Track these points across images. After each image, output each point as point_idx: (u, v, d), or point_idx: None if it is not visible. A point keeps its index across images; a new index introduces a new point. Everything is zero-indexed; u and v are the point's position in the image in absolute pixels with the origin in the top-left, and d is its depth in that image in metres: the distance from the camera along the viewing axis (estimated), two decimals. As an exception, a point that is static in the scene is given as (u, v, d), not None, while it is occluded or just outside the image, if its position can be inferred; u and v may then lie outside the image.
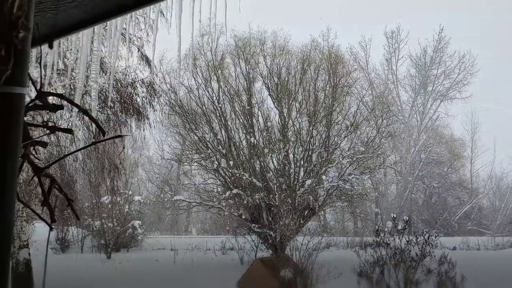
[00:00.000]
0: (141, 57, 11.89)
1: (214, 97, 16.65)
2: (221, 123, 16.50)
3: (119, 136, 5.71)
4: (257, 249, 16.46)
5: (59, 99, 2.08)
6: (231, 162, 15.64)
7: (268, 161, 16.22)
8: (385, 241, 10.80)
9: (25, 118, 1.35)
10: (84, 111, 1.94)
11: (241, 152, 16.40)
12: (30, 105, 1.79)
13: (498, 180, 35.82)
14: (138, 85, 11.78)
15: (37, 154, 1.99)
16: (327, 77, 17.22)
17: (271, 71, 16.85)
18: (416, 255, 10.51)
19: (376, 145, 17.59)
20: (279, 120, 16.69)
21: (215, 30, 15.74)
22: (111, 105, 10.59)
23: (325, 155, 16.10)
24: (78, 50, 2.48)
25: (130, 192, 21.66)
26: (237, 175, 15.43)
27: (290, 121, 16.60)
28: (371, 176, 21.16)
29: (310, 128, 16.30)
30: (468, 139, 36.63)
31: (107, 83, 8.54)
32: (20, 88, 1.12)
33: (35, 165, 1.75)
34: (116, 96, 11.02)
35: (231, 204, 16.26)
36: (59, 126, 1.91)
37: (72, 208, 1.96)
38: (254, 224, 15.36)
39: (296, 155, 16.34)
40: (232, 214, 16.44)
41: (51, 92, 2.15)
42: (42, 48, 1.90)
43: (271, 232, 14.85)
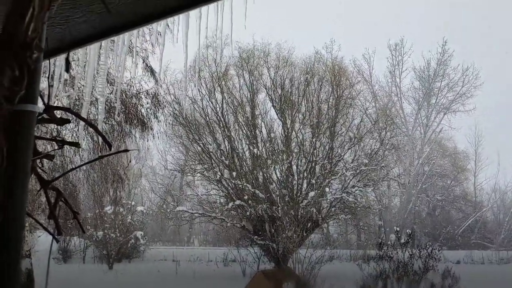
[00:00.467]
0: (146, 68, 11.96)
1: (218, 108, 16.72)
2: (225, 134, 16.55)
3: (126, 151, 5.73)
4: (260, 261, 16.37)
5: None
6: (234, 173, 15.64)
7: (271, 173, 16.20)
8: (388, 255, 10.73)
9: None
10: (91, 125, 1.96)
11: (244, 163, 16.41)
12: (38, 119, 1.81)
13: (502, 194, 35.68)
14: (143, 96, 11.84)
15: (42, 165, 2.01)
16: (331, 89, 17.26)
17: (275, 83, 16.93)
18: (419, 269, 10.44)
19: (380, 157, 17.56)
20: (283, 131, 16.72)
21: (221, 42, 15.84)
22: (115, 117, 10.63)
23: (329, 167, 16.08)
24: (86, 63, 2.52)
25: (133, 203, 21.65)
26: (240, 186, 15.42)
27: (294, 133, 16.62)
28: (375, 189, 21.07)
29: (314, 140, 16.30)
30: (472, 152, 36.56)
31: (112, 95, 8.59)
32: (32, 106, 1.14)
33: (42, 178, 1.77)
34: (121, 107, 11.07)
35: (234, 216, 16.23)
36: (66, 140, 1.93)
37: (78, 221, 1.97)
38: (257, 236, 15.30)
39: (299, 167, 16.33)
40: (235, 226, 16.40)
41: (59, 106, 2.17)
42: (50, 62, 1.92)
43: (274, 244, 14.78)
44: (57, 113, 1.93)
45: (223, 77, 16.94)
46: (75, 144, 2.06)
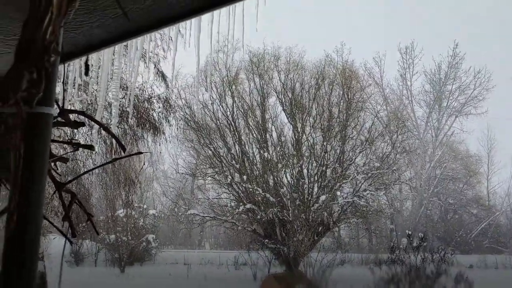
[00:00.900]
0: (157, 73, 12.06)
1: (228, 112, 16.78)
2: (235, 138, 16.59)
3: (139, 153, 5.78)
4: (270, 265, 16.36)
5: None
6: (245, 177, 15.66)
7: (282, 176, 16.20)
8: (400, 258, 10.65)
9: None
10: (105, 128, 2.00)
11: (255, 167, 16.43)
12: (53, 122, 1.85)
13: (516, 197, 35.16)
14: (155, 101, 11.93)
15: (56, 168, 2.04)
16: (341, 92, 17.23)
17: (285, 86, 16.94)
18: (432, 273, 10.34)
19: (391, 161, 17.46)
20: (293, 135, 16.71)
21: (232, 47, 15.92)
22: (129, 121, 10.73)
23: (340, 171, 16.03)
24: (100, 68, 2.56)
25: (145, 206, 21.76)
26: (251, 190, 15.43)
27: (304, 136, 16.60)
28: (386, 192, 20.94)
29: (324, 143, 16.27)
30: (485, 155, 36.15)
31: (125, 100, 8.68)
32: (48, 108, 1.17)
33: (57, 181, 1.80)
34: (133, 111, 11.17)
35: (245, 219, 16.23)
36: (80, 143, 1.97)
37: (92, 223, 2.00)
38: (268, 240, 15.29)
39: (310, 170, 16.30)
40: (246, 229, 16.40)
41: (73, 110, 2.22)
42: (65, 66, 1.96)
43: (285, 248, 14.76)
44: (71, 116, 1.97)
45: (234, 81, 17.00)
46: (90, 147, 2.10)
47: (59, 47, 1.16)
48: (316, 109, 16.89)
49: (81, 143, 1.75)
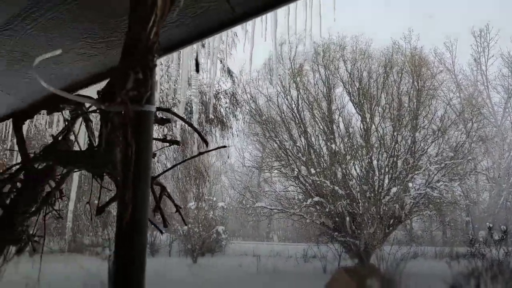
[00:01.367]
0: (223, 69, 12.29)
1: (293, 105, 16.72)
2: (300, 130, 16.51)
3: (224, 147, 5.94)
4: (340, 258, 16.17)
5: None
6: (312, 170, 15.56)
7: (351, 168, 15.91)
8: (481, 252, 10.11)
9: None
10: (191, 125, 2.05)
11: (322, 159, 16.27)
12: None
13: None
14: (222, 96, 12.19)
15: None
16: (411, 80, 16.60)
17: (352, 76, 16.59)
18: (516, 268, 9.74)
19: (466, 150, 16.60)
20: (361, 126, 16.35)
21: (296, 39, 15.83)
22: (204, 116, 11.08)
23: (411, 162, 15.47)
24: (180, 65, 2.64)
25: (214, 198, 22.29)
26: (318, 183, 15.31)
27: (373, 127, 16.19)
28: (461, 183, 19.93)
29: (395, 134, 15.77)
30: None
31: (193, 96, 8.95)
32: (151, 106, 1.22)
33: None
34: (202, 108, 11.48)
35: (313, 212, 16.15)
36: (168, 139, 2.04)
37: (181, 214, 2.08)
38: (337, 233, 15.12)
39: (380, 162, 15.87)
40: (314, 222, 16.32)
41: (160, 107, 2.30)
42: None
43: (355, 241, 14.52)
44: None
45: (298, 73, 16.91)
46: (176, 142, 2.19)
47: (159, 46, 1.20)
48: (385, 98, 16.41)
49: (168, 139, 1.82)
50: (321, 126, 16.54)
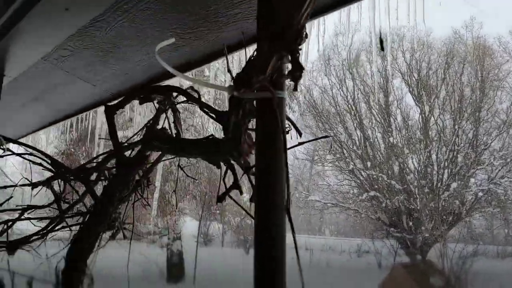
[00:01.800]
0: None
1: (349, 96, 16.39)
2: (356, 123, 16.17)
3: (326, 137, 5.92)
4: (396, 254, 15.78)
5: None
6: (368, 163, 15.22)
7: (408, 162, 15.43)
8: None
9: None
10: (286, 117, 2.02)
11: (378, 153, 15.87)
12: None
13: None
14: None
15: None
16: (474, 71, 15.82)
17: (411, 67, 16.03)
18: None
19: (534, 145, 15.64)
20: (420, 118, 15.79)
21: (352, 29, 15.48)
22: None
23: (473, 156, 14.78)
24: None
25: (266, 191, 22.29)
26: (374, 177, 14.96)
27: (432, 119, 15.59)
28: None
29: (456, 127, 15.11)
30: None
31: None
32: (283, 93, 1.21)
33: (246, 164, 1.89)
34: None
35: (368, 207, 15.83)
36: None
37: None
38: (393, 228, 14.74)
39: (440, 156, 15.28)
40: (369, 217, 15.99)
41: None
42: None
43: (412, 237, 14.10)
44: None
45: (354, 64, 16.56)
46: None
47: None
48: (446, 90, 15.74)
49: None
50: (378, 118, 16.13)
